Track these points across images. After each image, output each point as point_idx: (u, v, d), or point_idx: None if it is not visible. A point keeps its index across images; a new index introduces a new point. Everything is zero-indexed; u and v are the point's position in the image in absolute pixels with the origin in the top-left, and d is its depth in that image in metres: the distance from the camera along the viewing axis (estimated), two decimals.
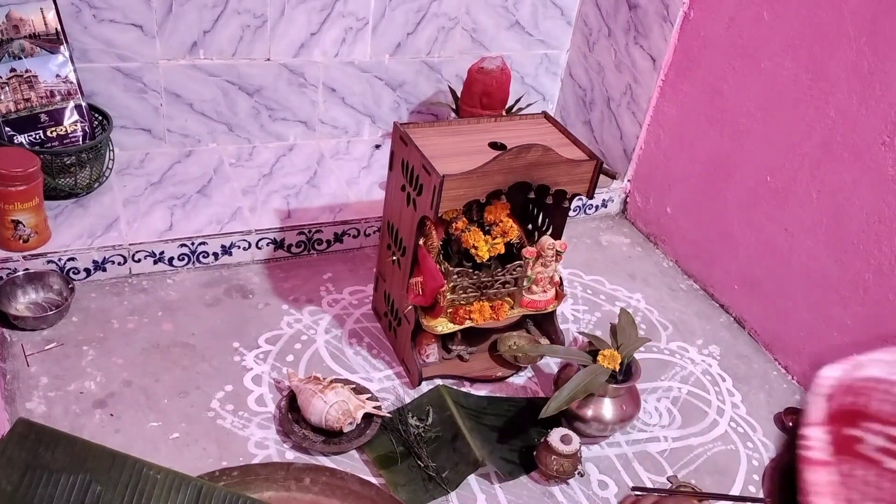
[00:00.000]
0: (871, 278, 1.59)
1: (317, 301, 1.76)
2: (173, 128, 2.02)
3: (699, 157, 1.99)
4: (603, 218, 2.27)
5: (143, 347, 1.57)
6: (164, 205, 1.85)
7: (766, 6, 1.74)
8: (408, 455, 1.43)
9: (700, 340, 1.85)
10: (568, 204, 1.54)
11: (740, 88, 1.84)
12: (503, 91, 2.05)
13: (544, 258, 1.52)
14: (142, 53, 1.88)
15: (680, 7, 1.94)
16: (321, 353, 1.63)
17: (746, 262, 1.89)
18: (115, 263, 1.71)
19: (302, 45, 2.04)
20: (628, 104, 2.17)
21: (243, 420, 1.46)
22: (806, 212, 1.71)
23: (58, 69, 1.75)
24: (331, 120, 2.20)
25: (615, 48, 2.18)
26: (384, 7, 2.07)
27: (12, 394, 1.42)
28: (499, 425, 1.52)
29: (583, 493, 1.43)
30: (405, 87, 2.24)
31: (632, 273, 2.06)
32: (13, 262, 1.62)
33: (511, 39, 2.29)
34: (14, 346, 1.52)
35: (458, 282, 1.50)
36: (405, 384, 1.59)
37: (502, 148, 1.44)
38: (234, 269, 1.82)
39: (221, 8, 1.90)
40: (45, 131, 1.75)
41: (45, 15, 1.72)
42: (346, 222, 1.91)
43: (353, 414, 1.42)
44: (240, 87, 2.04)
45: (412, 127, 1.49)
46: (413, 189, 1.44)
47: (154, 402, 1.46)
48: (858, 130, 1.58)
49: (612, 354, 1.45)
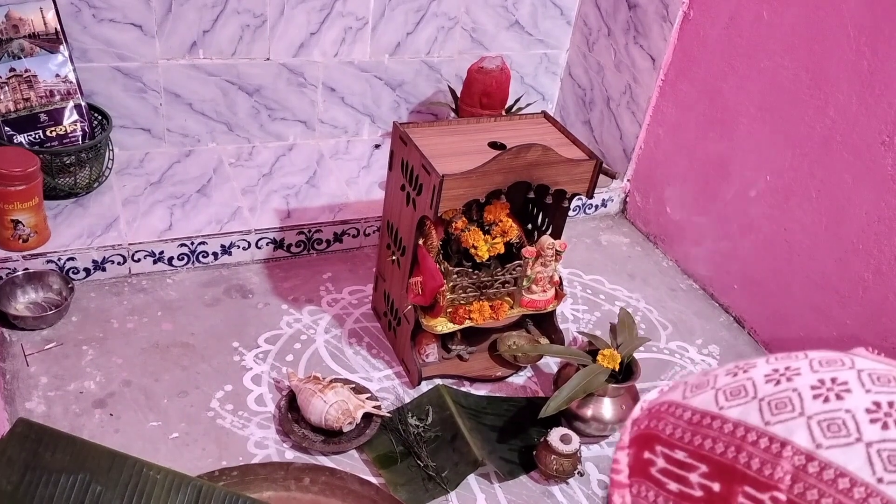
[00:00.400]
0: (871, 278, 1.59)
1: (316, 301, 1.76)
2: (173, 127, 2.02)
3: (699, 157, 1.99)
4: (603, 217, 2.27)
5: (143, 347, 1.57)
6: (163, 204, 1.85)
7: (765, 6, 1.74)
8: (407, 455, 1.43)
9: (700, 340, 1.85)
10: (568, 203, 1.54)
11: (740, 88, 1.84)
12: (503, 91, 2.05)
13: (544, 258, 1.52)
14: (141, 53, 1.88)
15: (679, 7, 1.94)
16: (321, 353, 1.63)
17: (746, 262, 1.88)
18: (114, 263, 1.71)
19: (301, 45, 2.04)
20: (628, 104, 2.17)
21: (243, 420, 1.46)
22: (806, 212, 1.71)
23: (57, 69, 1.75)
24: (330, 120, 2.20)
25: (615, 48, 2.18)
26: (384, 7, 2.07)
27: (12, 393, 1.42)
28: (498, 425, 1.51)
29: (582, 493, 1.43)
30: (405, 87, 2.24)
31: (631, 273, 2.06)
32: (13, 262, 1.62)
33: (511, 39, 2.29)
34: (14, 345, 1.52)
35: (457, 281, 1.50)
36: (405, 384, 1.59)
37: (502, 148, 1.44)
38: (233, 269, 1.82)
39: (221, 8, 1.90)
40: (44, 131, 1.75)
41: (44, 14, 1.72)
42: (345, 222, 1.91)
43: (352, 413, 1.42)
44: (239, 87, 2.03)
45: (412, 127, 1.49)
46: (413, 189, 1.44)
47: (154, 402, 1.46)
48: (858, 130, 1.58)
49: (612, 354, 1.45)
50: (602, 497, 1.43)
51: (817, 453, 0.39)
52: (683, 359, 1.78)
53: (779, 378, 0.43)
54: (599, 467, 1.49)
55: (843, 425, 0.39)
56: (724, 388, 0.44)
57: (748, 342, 1.87)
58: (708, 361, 1.79)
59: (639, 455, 0.46)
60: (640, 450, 0.46)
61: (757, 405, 0.42)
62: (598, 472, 1.47)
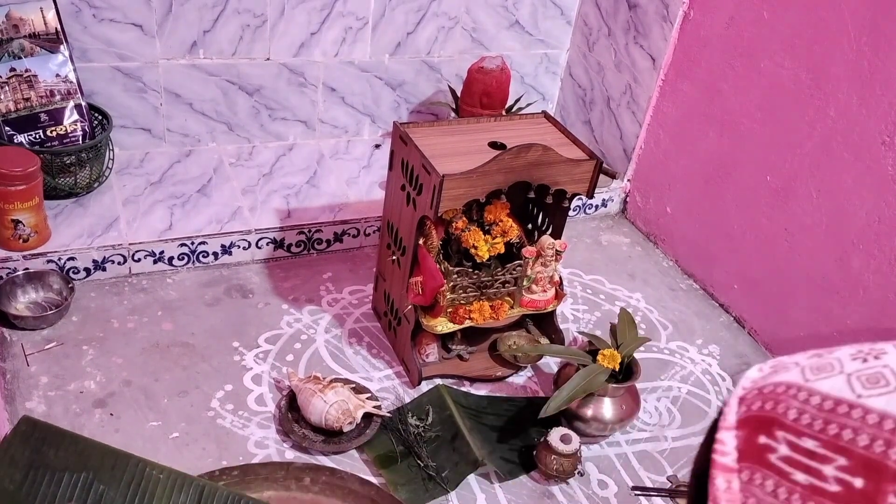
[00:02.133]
0: (871, 278, 1.59)
1: (317, 301, 1.76)
2: (173, 127, 2.02)
3: (699, 157, 1.99)
4: (603, 217, 2.27)
5: (143, 347, 1.57)
6: (163, 204, 1.85)
7: (766, 6, 1.74)
8: (407, 455, 1.43)
9: (700, 340, 1.85)
10: (568, 203, 1.54)
11: (740, 88, 1.84)
12: (503, 91, 2.05)
13: (544, 258, 1.52)
14: (142, 53, 1.88)
15: (680, 7, 1.94)
16: (321, 353, 1.63)
17: (746, 262, 1.89)
18: (114, 263, 1.71)
19: (302, 45, 2.04)
20: (628, 104, 2.17)
21: (243, 419, 1.46)
22: (806, 212, 1.71)
23: (57, 69, 1.75)
24: (331, 119, 2.20)
25: (615, 48, 2.18)
26: (384, 7, 2.07)
27: (12, 393, 1.42)
28: (499, 425, 1.52)
29: (583, 493, 1.43)
30: (405, 87, 2.24)
31: (632, 273, 2.06)
32: (13, 262, 1.62)
33: (511, 39, 2.29)
34: (14, 345, 1.52)
35: (457, 281, 1.50)
36: (405, 384, 1.59)
37: (502, 147, 1.44)
38: (233, 269, 1.82)
39: (221, 7, 1.90)
40: (44, 131, 1.75)
41: (44, 14, 1.72)
42: (345, 222, 1.91)
43: (352, 413, 1.42)
44: (239, 87, 2.04)
45: (412, 126, 1.49)
46: (413, 189, 1.44)
47: (154, 402, 1.46)
48: (858, 130, 1.58)
49: (612, 354, 1.45)
50: (616, 494, 1.43)
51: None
52: (683, 359, 1.78)
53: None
54: (599, 467, 1.49)
55: None
56: (857, 374, 0.41)
57: (748, 342, 1.87)
58: (708, 361, 1.79)
59: (751, 438, 0.42)
60: (754, 433, 0.42)
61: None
62: (598, 472, 1.47)
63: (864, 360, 0.42)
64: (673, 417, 1.62)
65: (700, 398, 1.69)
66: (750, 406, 0.44)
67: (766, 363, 0.47)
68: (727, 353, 1.82)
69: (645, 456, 1.53)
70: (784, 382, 0.43)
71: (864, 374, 0.41)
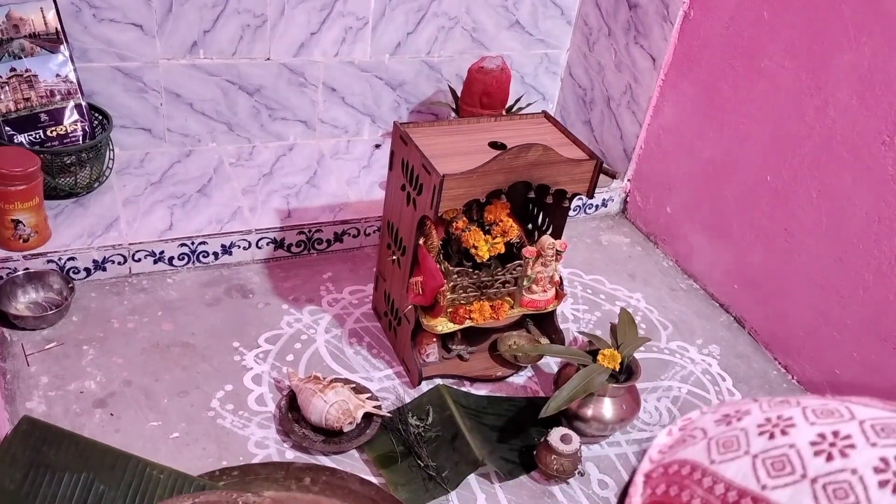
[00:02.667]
0: (871, 278, 1.59)
1: (317, 301, 1.76)
2: (173, 127, 2.02)
3: (699, 157, 1.99)
4: (603, 217, 2.27)
5: (143, 347, 1.57)
6: (163, 204, 1.85)
7: (766, 6, 1.74)
8: (408, 455, 1.43)
9: (700, 340, 1.85)
10: (568, 203, 1.54)
11: (740, 88, 1.84)
12: (503, 91, 2.05)
13: (544, 258, 1.52)
14: (142, 53, 1.88)
15: (680, 7, 1.94)
16: (321, 353, 1.63)
17: (746, 262, 1.89)
18: (115, 263, 1.71)
19: (302, 45, 2.04)
20: (628, 104, 2.17)
21: (243, 420, 1.46)
22: (806, 212, 1.71)
23: (58, 69, 1.75)
24: (331, 119, 2.20)
25: (615, 48, 2.18)
26: (384, 7, 2.08)
27: (12, 393, 1.42)
28: (499, 425, 1.52)
29: (583, 493, 1.43)
30: (405, 87, 2.24)
31: (632, 273, 2.06)
32: (13, 262, 1.62)
33: (511, 39, 2.29)
34: (14, 345, 1.52)
35: (458, 281, 1.50)
36: (405, 384, 1.59)
37: (502, 147, 1.44)
38: (234, 269, 1.82)
39: (221, 7, 1.90)
40: (45, 131, 1.75)
41: (45, 14, 1.72)
42: (346, 222, 1.91)
43: (353, 413, 1.42)
44: (240, 87, 2.04)
45: (412, 126, 1.49)
46: (413, 188, 1.44)
47: (154, 402, 1.46)
48: (858, 130, 1.58)
49: (612, 354, 1.45)
50: (616, 494, 1.43)
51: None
52: (684, 359, 1.78)
53: (829, 450, 0.38)
54: (600, 467, 1.49)
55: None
56: (762, 455, 0.39)
57: (748, 342, 1.87)
58: (708, 361, 1.79)
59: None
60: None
61: (810, 488, 0.36)
62: (598, 472, 1.48)
63: (770, 437, 0.40)
64: (673, 417, 1.62)
65: (700, 398, 1.69)
66: (654, 489, 0.42)
67: (676, 423, 0.45)
68: (727, 353, 1.83)
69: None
70: (689, 462, 0.41)
71: (770, 458, 0.39)
